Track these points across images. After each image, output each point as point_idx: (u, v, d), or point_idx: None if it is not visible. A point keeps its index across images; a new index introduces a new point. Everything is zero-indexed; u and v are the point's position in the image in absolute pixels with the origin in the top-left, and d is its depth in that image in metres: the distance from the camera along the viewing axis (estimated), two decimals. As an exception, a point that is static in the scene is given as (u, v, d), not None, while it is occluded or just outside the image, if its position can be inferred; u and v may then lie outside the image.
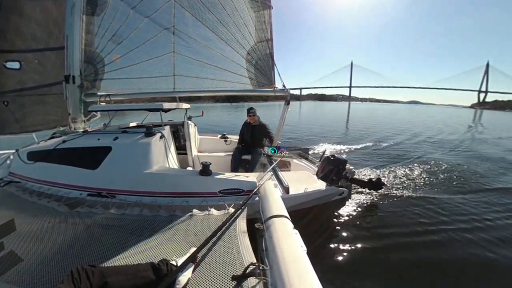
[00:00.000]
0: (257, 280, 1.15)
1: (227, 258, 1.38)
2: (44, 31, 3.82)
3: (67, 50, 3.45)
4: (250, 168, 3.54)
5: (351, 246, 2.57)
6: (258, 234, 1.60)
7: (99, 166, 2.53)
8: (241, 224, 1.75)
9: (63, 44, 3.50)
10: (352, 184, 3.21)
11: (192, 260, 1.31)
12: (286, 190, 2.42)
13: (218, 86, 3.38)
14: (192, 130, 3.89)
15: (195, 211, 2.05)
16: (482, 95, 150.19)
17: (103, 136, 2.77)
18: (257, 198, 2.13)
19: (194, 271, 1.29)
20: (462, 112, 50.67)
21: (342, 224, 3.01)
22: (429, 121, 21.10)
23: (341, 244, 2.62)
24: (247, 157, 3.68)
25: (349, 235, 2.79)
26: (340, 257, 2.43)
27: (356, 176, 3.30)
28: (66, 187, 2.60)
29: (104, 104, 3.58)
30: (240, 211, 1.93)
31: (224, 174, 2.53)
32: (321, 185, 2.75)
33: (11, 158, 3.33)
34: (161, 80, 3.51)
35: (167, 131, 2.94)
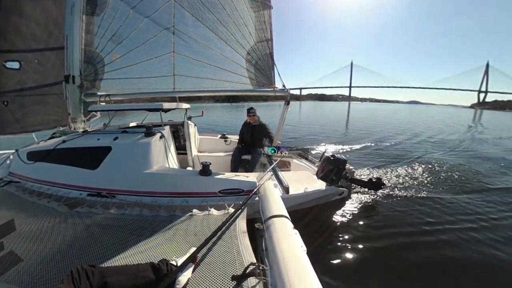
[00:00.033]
0: (257, 280, 1.15)
1: (227, 258, 1.38)
2: (44, 31, 3.82)
3: (67, 50, 3.45)
4: (250, 168, 3.54)
5: (351, 246, 2.57)
6: (258, 234, 1.60)
7: (99, 166, 2.53)
8: (241, 224, 1.75)
9: (63, 44, 3.50)
10: (352, 184, 3.22)
11: (192, 260, 1.31)
12: (286, 190, 2.42)
13: (218, 86, 3.38)
14: (192, 130, 3.89)
15: (195, 211, 2.04)
16: (482, 95, 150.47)
17: (103, 136, 2.77)
18: (257, 198, 2.13)
19: (194, 271, 1.29)
20: (462, 112, 50.68)
21: (342, 224, 3.00)
22: (429, 121, 21.10)
23: (341, 244, 2.62)
24: (247, 157, 3.68)
25: (349, 235, 2.78)
26: (340, 257, 2.42)
27: (356, 176, 3.30)
28: (66, 187, 2.60)
29: (104, 104, 3.57)
30: (240, 211, 1.93)
31: (224, 174, 2.53)
32: (321, 185, 2.76)
33: (11, 158, 3.33)
34: (161, 80, 3.50)
35: (167, 131, 2.94)
